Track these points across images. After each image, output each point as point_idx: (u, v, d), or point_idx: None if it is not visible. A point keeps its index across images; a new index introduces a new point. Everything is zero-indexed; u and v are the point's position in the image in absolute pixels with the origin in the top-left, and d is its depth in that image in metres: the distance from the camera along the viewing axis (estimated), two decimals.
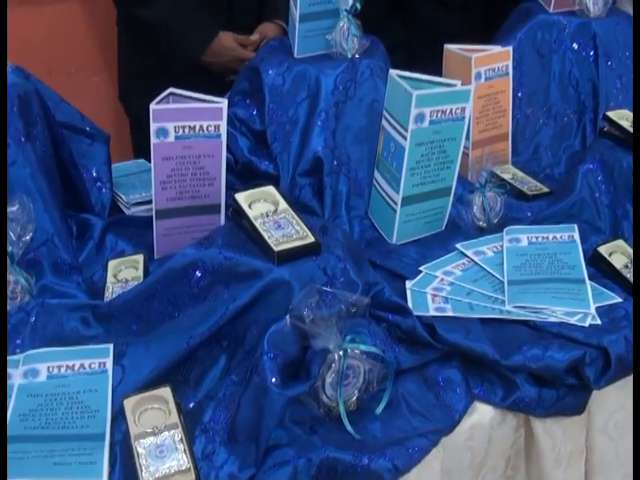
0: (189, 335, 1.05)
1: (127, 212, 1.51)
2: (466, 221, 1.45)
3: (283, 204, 1.13)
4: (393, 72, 1.37)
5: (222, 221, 1.39)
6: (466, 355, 1.10)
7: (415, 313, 1.14)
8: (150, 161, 1.33)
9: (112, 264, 1.31)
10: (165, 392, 1.02)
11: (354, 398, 1.05)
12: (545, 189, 1.56)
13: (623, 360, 1.09)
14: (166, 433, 0.97)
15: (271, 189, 1.16)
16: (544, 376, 1.09)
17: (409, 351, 1.11)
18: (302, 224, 1.09)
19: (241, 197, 1.13)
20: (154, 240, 1.37)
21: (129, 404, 1.01)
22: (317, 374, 1.00)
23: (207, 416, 1.02)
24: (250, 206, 1.12)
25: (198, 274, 1.08)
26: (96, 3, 2.16)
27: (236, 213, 1.13)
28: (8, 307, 1.20)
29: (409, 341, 1.12)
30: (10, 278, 1.21)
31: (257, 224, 1.09)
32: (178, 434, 0.97)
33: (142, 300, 1.13)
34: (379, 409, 1.05)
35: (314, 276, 1.06)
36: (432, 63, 1.61)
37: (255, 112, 1.56)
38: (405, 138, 1.32)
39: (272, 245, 1.05)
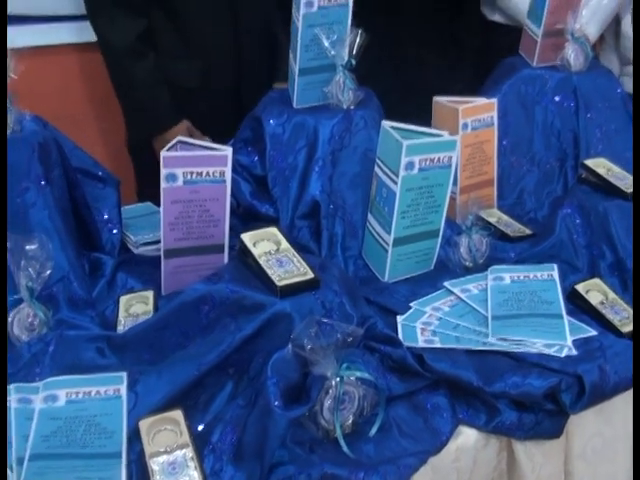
0: (199, 363, 1.17)
1: (135, 251, 1.64)
2: (453, 261, 1.58)
3: (285, 243, 1.26)
4: (385, 123, 1.51)
5: (226, 260, 1.51)
6: (452, 383, 1.23)
7: (405, 344, 1.27)
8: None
9: (124, 299, 1.44)
10: (177, 415, 1.13)
11: (349, 422, 1.17)
12: (528, 231, 1.70)
13: (597, 387, 1.22)
14: (178, 452, 1.09)
15: (273, 230, 1.29)
16: (524, 402, 1.21)
17: (400, 379, 1.23)
18: (302, 262, 1.23)
19: (246, 237, 1.26)
20: (162, 277, 1.50)
21: (144, 426, 1.12)
22: (316, 398, 1.12)
23: (215, 437, 1.13)
24: (255, 245, 1.25)
25: (207, 307, 1.21)
26: None
27: (241, 252, 1.27)
28: (27, 338, 1.33)
29: (400, 370, 1.24)
30: (29, 311, 1.34)
31: (261, 261, 1.22)
32: (189, 453, 1.09)
33: (154, 331, 1.25)
34: (372, 432, 1.17)
35: (313, 309, 1.19)
36: (423, 112, 1.76)
37: (256, 159, 1.70)
38: (396, 184, 1.46)
39: (275, 280, 1.18)
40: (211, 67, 2.12)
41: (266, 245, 1.26)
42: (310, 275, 1.20)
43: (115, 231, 1.63)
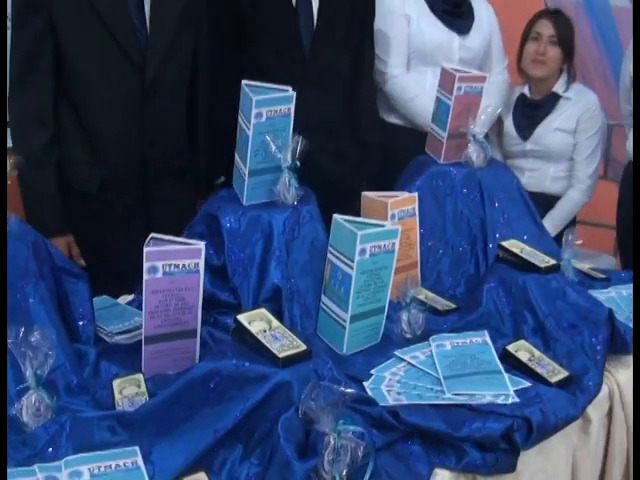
0: (215, 429, 1.36)
1: (110, 341, 1.80)
2: (396, 333, 1.85)
3: (275, 322, 1.49)
4: (337, 216, 1.78)
5: (197, 344, 1.71)
6: (424, 432, 1.48)
7: (380, 404, 1.51)
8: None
9: (116, 383, 1.60)
10: (201, 477, 1.31)
11: (344, 472, 1.39)
12: (453, 305, 2.00)
13: (541, 426, 1.51)
14: None
15: (263, 310, 1.52)
16: (485, 443, 1.47)
17: (380, 432, 1.47)
18: (293, 336, 1.46)
19: (242, 317, 1.48)
20: (142, 362, 1.67)
21: None
22: (321, 451, 1.33)
23: None
24: (250, 324, 1.47)
25: (215, 381, 1.41)
26: None
27: (238, 330, 1.48)
28: (35, 423, 1.46)
29: (379, 425, 1.48)
30: (36, 397, 1.47)
31: (260, 337, 1.44)
32: None
33: (164, 407, 1.43)
34: (366, 478, 1.39)
35: (309, 376, 1.41)
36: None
37: (212, 251, 1.91)
38: (352, 268, 1.72)
39: (276, 353, 1.40)
40: (113, 176, 2.32)
41: (259, 324, 1.48)
42: (303, 347, 1.43)
43: (89, 323, 1.79)
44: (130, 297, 2.03)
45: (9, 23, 2.29)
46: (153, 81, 2.27)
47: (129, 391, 1.58)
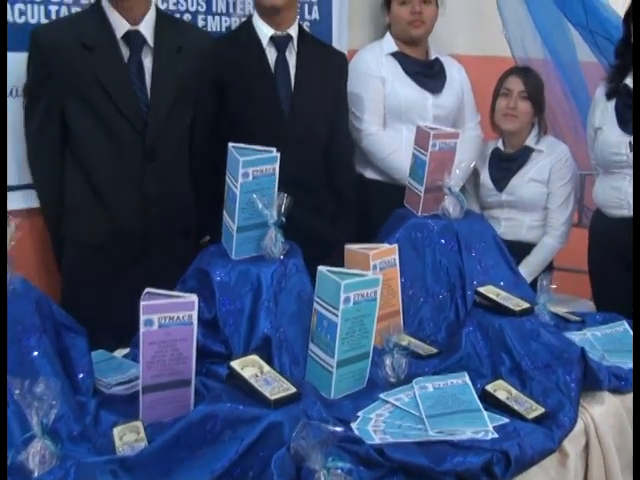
0: (211, 469, 1.47)
1: (107, 392, 1.91)
2: (381, 377, 1.97)
3: (266, 367, 1.62)
4: (322, 268, 1.92)
5: (192, 393, 1.83)
6: (408, 467, 1.59)
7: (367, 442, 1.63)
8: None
9: (116, 430, 1.71)
10: None
11: None
12: (435, 350, 2.13)
13: (519, 459, 1.63)
14: None
15: (255, 357, 1.65)
16: (466, 476, 1.59)
17: (367, 469, 1.58)
18: (283, 379, 1.58)
19: (235, 364, 1.61)
20: (140, 410, 1.79)
21: None
22: None
23: None
24: (242, 369, 1.59)
25: (211, 423, 1.53)
26: None
27: (231, 376, 1.60)
28: (40, 471, 1.56)
29: (366, 462, 1.59)
30: (42, 445, 1.58)
31: (252, 382, 1.56)
32: None
33: (164, 450, 1.54)
34: None
35: (299, 416, 1.53)
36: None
37: (203, 304, 2.03)
38: (337, 316, 1.85)
39: (268, 395, 1.52)
40: (115, 231, 2.48)
41: (251, 369, 1.60)
42: (293, 390, 1.56)
43: (88, 375, 1.90)
44: (125, 350, 2.15)
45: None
46: (153, 145, 2.47)
47: (129, 438, 1.69)
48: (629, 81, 2.75)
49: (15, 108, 2.52)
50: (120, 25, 2.42)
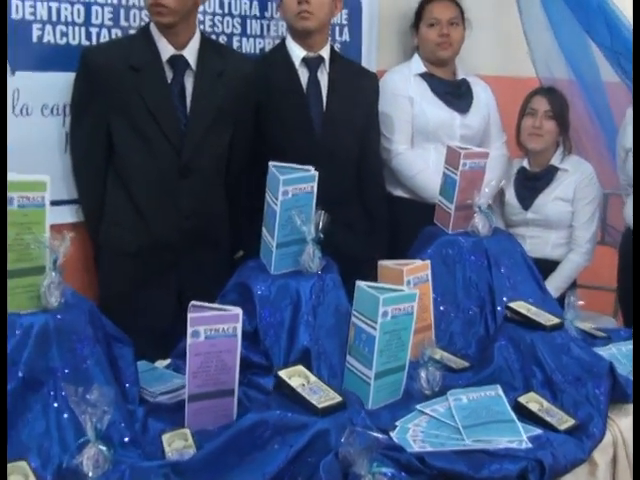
0: (263, 472, 1.56)
1: (152, 400, 2.01)
2: (416, 389, 2.06)
3: (312, 377, 1.71)
4: (360, 282, 2.01)
5: (235, 403, 1.92)
6: (449, 475, 1.68)
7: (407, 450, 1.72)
8: None
9: (165, 437, 1.80)
10: None
11: None
12: (467, 364, 2.22)
13: (553, 468, 1.72)
14: None
15: (301, 367, 1.74)
16: None
17: (409, 476, 1.67)
18: (329, 389, 1.67)
19: (282, 373, 1.70)
20: (186, 418, 1.88)
21: None
22: None
23: None
24: (290, 379, 1.69)
25: (261, 430, 1.62)
26: None
27: (278, 385, 1.70)
28: (94, 474, 1.65)
29: (407, 470, 1.68)
30: (96, 450, 1.67)
31: (300, 390, 1.65)
32: None
33: (214, 456, 1.64)
34: None
35: (345, 424, 1.62)
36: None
37: (244, 317, 2.13)
38: (375, 329, 1.94)
39: (316, 404, 1.61)
40: (151, 242, 2.61)
41: (298, 379, 1.70)
42: (339, 399, 1.65)
43: (134, 384, 1.99)
44: (166, 362, 2.24)
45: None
46: (188, 163, 2.60)
47: (178, 444, 1.78)
48: None
49: (56, 125, 2.66)
50: (166, 50, 2.57)
